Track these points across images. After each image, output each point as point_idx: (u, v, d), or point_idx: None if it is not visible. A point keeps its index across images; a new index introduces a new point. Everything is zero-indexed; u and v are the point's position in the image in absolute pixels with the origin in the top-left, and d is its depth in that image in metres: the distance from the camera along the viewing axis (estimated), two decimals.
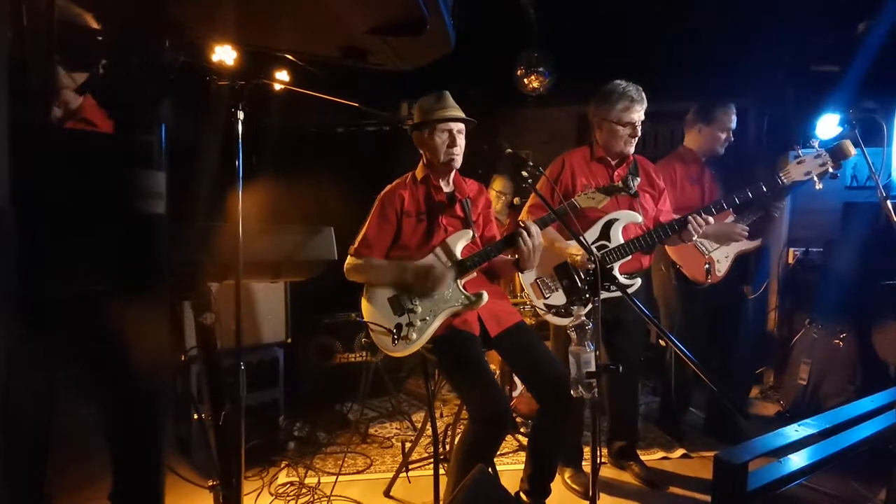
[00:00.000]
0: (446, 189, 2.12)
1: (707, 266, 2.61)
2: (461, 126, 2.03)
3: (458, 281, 1.98)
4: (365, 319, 2.00)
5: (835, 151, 2.09)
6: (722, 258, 2.66)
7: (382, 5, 0.70)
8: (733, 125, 2.65)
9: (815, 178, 2.12)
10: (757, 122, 4.26)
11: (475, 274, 2.04)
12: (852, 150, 2.08)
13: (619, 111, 2.21)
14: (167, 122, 0.67)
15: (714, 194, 2.67)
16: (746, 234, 2.57)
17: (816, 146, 2.12)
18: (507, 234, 1.94)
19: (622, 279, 2.23)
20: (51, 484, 1.47)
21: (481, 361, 1.91)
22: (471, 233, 2.03)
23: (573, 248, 2.17)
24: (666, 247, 2.71)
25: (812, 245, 3.36)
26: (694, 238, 2.20)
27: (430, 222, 2.05)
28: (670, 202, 2.54)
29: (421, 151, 2.11)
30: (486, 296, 1.94)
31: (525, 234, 1.85)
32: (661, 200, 2.41)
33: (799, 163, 2.13)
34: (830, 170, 2.09)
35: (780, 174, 2.16)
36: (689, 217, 2.13)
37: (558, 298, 2.25)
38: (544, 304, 2.25)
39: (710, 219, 2.14)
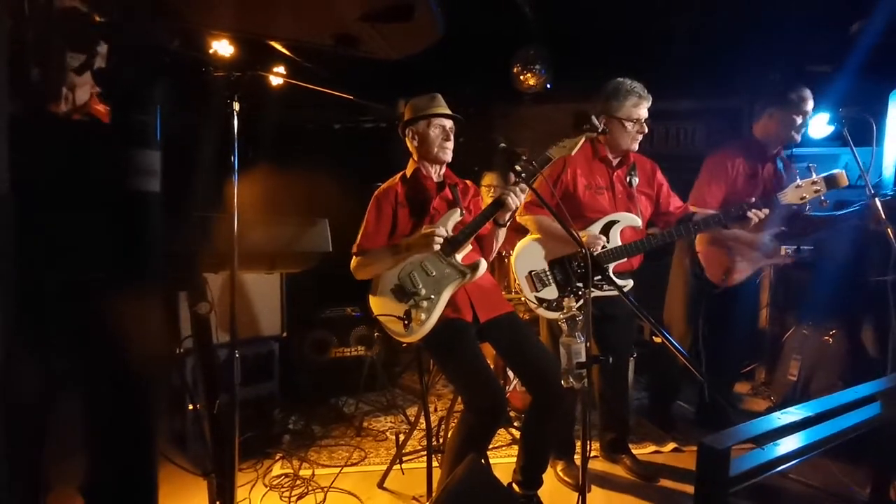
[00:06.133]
0: (436, 179, 2.19)
1: (726, 270, 2.60)
2: (452, 125, 2.13)
3: (455, 256, 2.02)
4: (375, 314, 2.04)
5: (829, 179, 2.15)
6: (745, 267, 2.64)
7: None
8: (810, 109, 2.54)
9: (808, 204, 2.23)
10: (751, 121, 4.28)
11: (470, 247, 2.09)
12: (845, 181, 2.16)
13: (629, 107, 2.23)
14: (162, 107, 0.69)
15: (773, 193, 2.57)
16: (778, 251, 2.62)
17: (814, 172, 2.17)
18: (494, 199, 1.96)
19: (615, 280, 2.26)
20: (48, 472, 1.49)
21: (476, 350, 1.94)
22: (458, 210, 2.08)
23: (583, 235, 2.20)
24: (698, 238, 2.68)
25: (803, 243, 3.38)
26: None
27: (422, 208, 2.13)
28: (721, 196, 2.50)
29: (411, 149, 2.18)
30: (483, 263, 2.00)
31: (512, 194, 1.89)
32: (663, 197, 2.40)
33: (797, 187, 2.18)
34: (822, 196, 2.17)
35: (779, 196, 2.20)
36: (749, 211, 2.13)
37: (550, 293, 2.28)
38: (536, 298, 2.28)
39: (766, 210, 2.15)
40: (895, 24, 3.07)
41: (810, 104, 2.52)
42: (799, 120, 2.52)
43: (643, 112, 2.25)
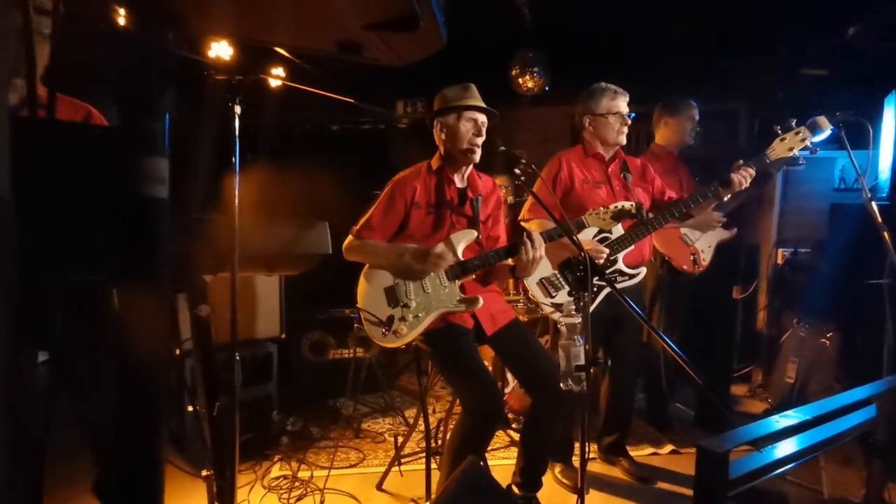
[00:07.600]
0: (459, 185, 2.11)
1: (693, 256, 2.83)
2: (485, 119, 2.03)
3: (456, 281, 1.98)
4: (359, 304, 2.00)
5: (812, 126, 2.21)
6: (705, 248, 2.88)
7: (376, 2, 0.73)
8: (696, 116, 2.88)
9: (797, 154, 2.23)
10: (748, 124, 4.32)
11: (472, 276, 2.05)
12: (827, 125, 2.20)
13: (607, 102, 2.35)
14: (170, 112, 0.69)
15: (690, 184, 2.88)
16: (724, 221, 2.78)
17: (794, 124, 2.22)
18: (509, 244, 1.95)
19: (627, 270, 2.29)
20: (51, 473, 1.49)
21: (474, 354, 1.94)
22: (475, 233, 2.03)
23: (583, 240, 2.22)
24: (654, 240, 2.79)
25: (800, 246, 3.40)
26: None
27: (438, 216, 2.05)
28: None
29: (438, 143, 2.09)
30: (480, 301, 1.94)
31: (528, 244, 1.85)
32: (657, 189, 2.48)
33: (782, 140, 2.21)
34: (809, 144, 2.19)
35: (767, 152, 2.24)
36: (735, 173, 2.21)
37: (565, 296, 2.28)
38: (552, 304, 2.28)
39: (752, 170, 2.22)
40: (891, 29, 3.10)
41: (694, 109, 2.88)
42: (688, 124, 2.87)
43: (622, 106, 2.36)
